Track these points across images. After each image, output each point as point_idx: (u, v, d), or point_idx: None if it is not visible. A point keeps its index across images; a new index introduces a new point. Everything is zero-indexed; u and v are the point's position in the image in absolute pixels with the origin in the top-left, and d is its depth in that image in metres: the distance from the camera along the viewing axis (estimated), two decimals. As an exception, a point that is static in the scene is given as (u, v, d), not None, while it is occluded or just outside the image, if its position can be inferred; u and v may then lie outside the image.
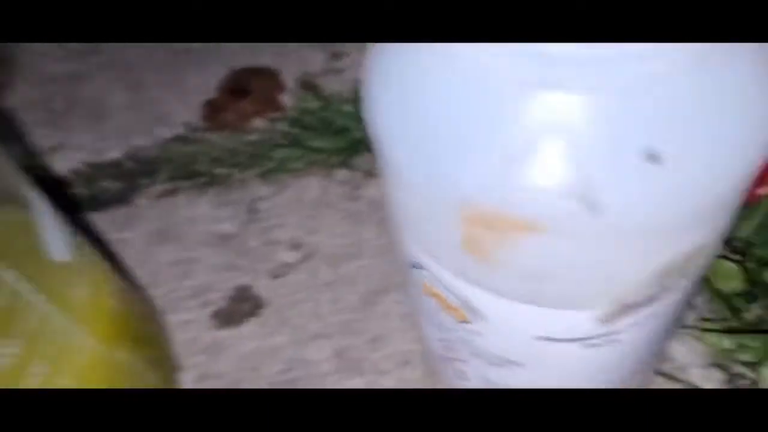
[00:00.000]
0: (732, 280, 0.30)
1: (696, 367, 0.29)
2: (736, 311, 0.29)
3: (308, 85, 0.40)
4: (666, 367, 0.29)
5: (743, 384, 0.28)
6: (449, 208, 0.15)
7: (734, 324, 0.29)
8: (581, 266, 0.15)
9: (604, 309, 0.17)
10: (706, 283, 0.30)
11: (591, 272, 0.15)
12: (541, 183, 0.14)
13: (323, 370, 0.31)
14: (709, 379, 0.29)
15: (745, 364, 0.28)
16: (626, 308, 0.17)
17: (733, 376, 0.29)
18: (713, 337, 0.28)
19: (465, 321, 0.20)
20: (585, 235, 0.14)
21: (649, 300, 0.17)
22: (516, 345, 0.20)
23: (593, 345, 0.19)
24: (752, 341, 0.28)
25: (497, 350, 0.20)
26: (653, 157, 0.13)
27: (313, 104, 0.39)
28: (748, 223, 0.31)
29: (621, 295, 0.16)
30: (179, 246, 0.35)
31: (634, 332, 0.19)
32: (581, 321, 0.17)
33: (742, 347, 0.28)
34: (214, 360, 0.32)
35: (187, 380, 0.31)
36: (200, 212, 0.36)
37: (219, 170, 0.38)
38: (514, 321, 0.18)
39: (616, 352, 0.20)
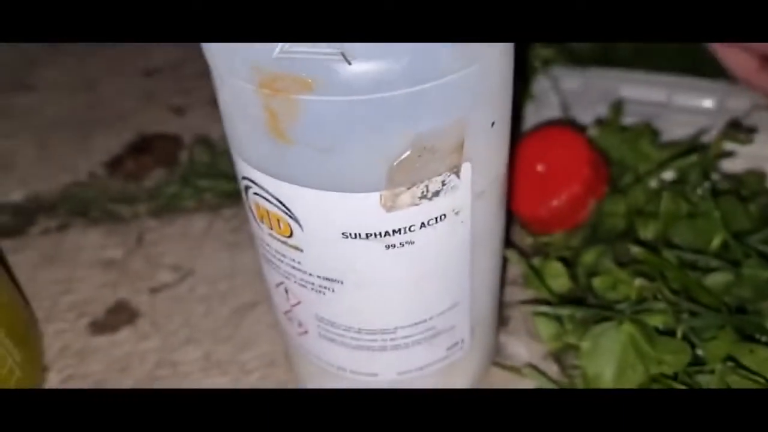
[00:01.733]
0: (559, 278, 0.33)
1: (534, 360, 0.32)
2: (564, 305, 0.33)
3: (203, 142, 0.44)
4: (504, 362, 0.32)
5: (576, 375, 0.31)
6: (249, 85, 0.19)
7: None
8: (353, 130, 0.19)
9: (384, 189, 0.20)
10: (536, 281, 0.33)
11: (363, 140, 0.19)
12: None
13: (190, 369, 0.33)
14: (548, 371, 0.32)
15: (572, 346, 0.31)
16: (403, 194, 0.21)
17: (567, 368, 0.32)
18: (543, 322, 0.32)
19: (288, 236, 0.23)
20: (346, 89, 0.18)
21: (426, 192, 0.21)
22: (330, 253, 0.23)
23: (392, 246, 0.22)
24: (576, 328, 0.31)
25: (316, 267, 0.23)
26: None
27: (206, 156, 0.43)
28: (575, 237, 0.36)
29: (394, 173, 0.20)
30: (64, 268, 0.37)
31: (428, 239, 0.22)
32: (370, 206, 0.21)
33: (567, 331, 0.31)
34: (84, 363, 0.33)
35: (54, 381, 0.32)
36: (89, 241, 0.39)
37: (111, 207, 0.41)
38: (322, 216, 0.22)
39: (418, 262, 0.23)
